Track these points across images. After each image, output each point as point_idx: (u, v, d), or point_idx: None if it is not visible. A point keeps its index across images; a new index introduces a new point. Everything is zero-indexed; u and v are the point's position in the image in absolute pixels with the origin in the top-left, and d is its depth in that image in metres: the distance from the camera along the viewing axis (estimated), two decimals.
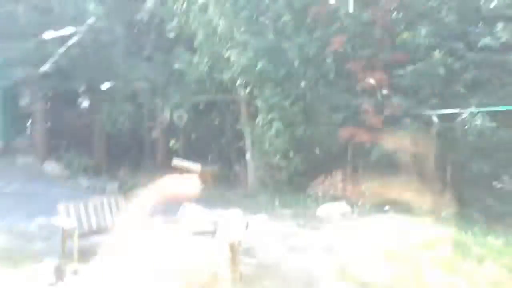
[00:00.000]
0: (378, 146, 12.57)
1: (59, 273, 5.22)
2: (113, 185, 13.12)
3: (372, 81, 13.11)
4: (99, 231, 7.40)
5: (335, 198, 13.45)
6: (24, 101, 17.01)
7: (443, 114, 12.09)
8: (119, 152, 16.85)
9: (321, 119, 14.59)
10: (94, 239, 7.08)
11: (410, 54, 13.08)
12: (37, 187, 11.92)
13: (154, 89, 16.54)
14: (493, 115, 10.71)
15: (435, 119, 12.25)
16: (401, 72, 12.53)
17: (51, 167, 14.97)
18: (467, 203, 12.00)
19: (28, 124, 18.44)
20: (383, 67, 13.32)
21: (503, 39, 11.08)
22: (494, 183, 11.29)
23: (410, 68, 12.38)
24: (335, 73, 15.00)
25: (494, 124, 10.52)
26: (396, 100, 12.84)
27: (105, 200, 7.88)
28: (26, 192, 11.24)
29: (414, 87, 12.50)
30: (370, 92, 13.55)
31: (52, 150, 16.39)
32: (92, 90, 16.59)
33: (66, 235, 6.89)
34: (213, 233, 6.84)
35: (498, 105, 10.65)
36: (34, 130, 17.46)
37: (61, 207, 7.19)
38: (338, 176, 14.80)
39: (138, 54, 15.90)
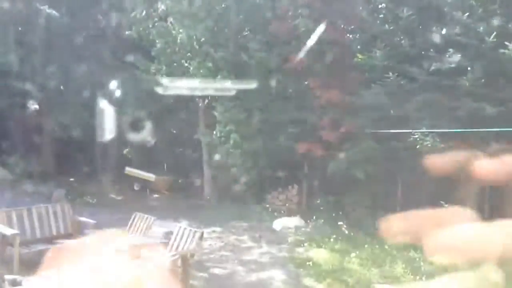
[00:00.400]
0: (334, 161, 12.78)
1: None
2: (60, 192, 12.49)
3: (328, 98, 13.38)
4: (43, 239, 6.98)
5: (290, 212, 13.52)
6: None
7: (395, 133, 12.49)
8: (68, 158, 16.12)
9: (278, 133, 14.68)
10: (37, 247, 6.68)
11: (366, 74, 13.51)
12: None
13: (109, 94, 16.06)
14: (442, 136, 11.17)
15: (387, 137, 12.62)
16: (357, 91, 12.87)
17: None
18: None
19: None
20: (340, 85, 13.64)
21: (452, 65, 11.67)
22: (442, 202, 11.71)
23: (366, 88, 12.77)
24: (293, 89, 15.24)
25: (442, 145, 10.97)
26: (351, 118, 13.16)
27: (50, 208, 7.46)
28: None
29: (370, 106, 12.86)
30: (327, 108, 13.82)
31: None
32: (42, 92, 15.87)
33: (6, 242, 6.43)
34: (165, 244, 6.61)
35: (446, 127, 11.13)
36: None
37: (2, 213, 6.73)
38: (294, 190, 14.90)
39: (94, 59, 15.41)
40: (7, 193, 11.70)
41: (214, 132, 14.00)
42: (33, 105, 18.18)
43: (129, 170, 16.86)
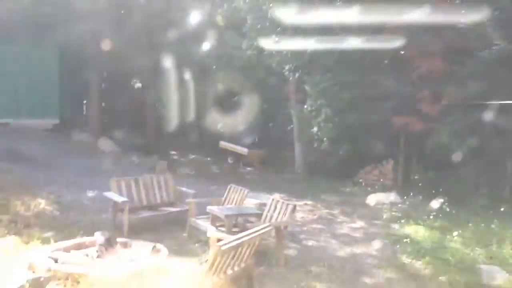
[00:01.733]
0: (434, 135, 12.00)
1: (109, 245, 5.36)
2: (162, 164, 13.39)
3: (429, 68, 12.48)
4: (148, 207, 7.57)
5: (385, 187, 13.06)
6: (81, 81, 17.62)
7: (504, 105, 11.32)
8: (168, 132, 17.16)
9: (372, 106, 14.10)
10: (144, 214, 7.27)
11: (472, 42, 12.30)
12: (91, 163, 12.37)
13: (204, 72, 16.71)
14: None
15: (494, 109, 11.49)
16: (461, 59, 11.83)
17: (104, 144, 15.52)
18: None
19: (84, 102, 19.21)
20: (442, 54, 12.62)
21: None
22: None
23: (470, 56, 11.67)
24: (389, 58, 14.44)
25: None
26: (454, 89, 12.16)
27: (154, 178, 8.04)
28: (80, 167, 11.69)
29: (475, 75, 11.75)
30: (427, 79, 12.92)
31: (105, 128, 17.00)
32: (144, 72, 17.00)
33: (117, 209, 7.09)
34: (259, 215, 6.78)
35: None
36: (89, 109, 18.16)
37: (113, 182, 7.40)
38: (389, 165, 14.35)
39: (189, 39, 16.02)
40: (117, 164, 12.82)
41: (305, 106, 13.89)
42: (136, 84, 19.60)
43: (223, 143, 17.51)
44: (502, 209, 10.29)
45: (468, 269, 6.31)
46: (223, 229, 6.35)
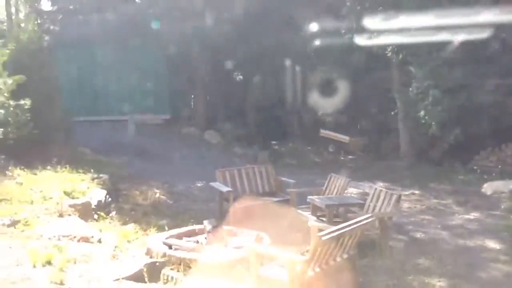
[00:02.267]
0: None
1: (216, 233, 5.68)
2: (264, 154, 13.74)
3: None
4: (251, 196, 7.83)
5: (504, 174, 11.83)
6: (187, 78, 18.76)
7: None
8: (269, 123, 17.50)
9: (486, 86, 12.81)
10: (247, 203, 7.54)
11: None
12: (198, 154, 13.18)
13: (303, 59, 16.67)
14: None
15: None
16: None
17: (210, 136, 16.42)
18: None
19: (191, 97, 20.44)
20: None
21: None
22: None
23: None
24: (507, 33, 12.96)
25: None
26: None
27: (256, 168, 8.28)
28: (189, 159, 12.53)
29: None
30: None
31: (211, 121, 17.92)
32: (244, 64, 17.50)
33: (223, 198, 7.46)
34: (361, 205, 6.63)
35: None
36: (196, 103, 19.30)
37: (219, 172, 7.81)
38: (508, 149, 12.94)
39: (288, 29, 16.06)
40: (221, 155, 13.48)
41: (410, 89, 13.12)
42: (238, 76, 20.27)
43: (323, 132, 17.35)
44: None
45: None
46: (324, 219, 6.34)
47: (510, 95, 11.99)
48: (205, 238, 5.55)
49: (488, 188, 10.02)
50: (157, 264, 4.84)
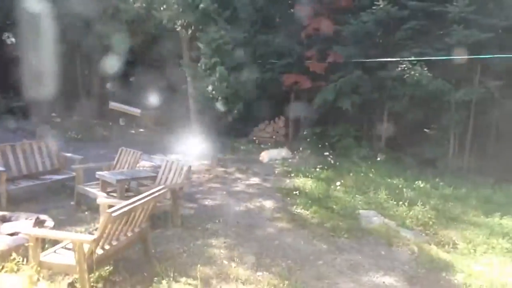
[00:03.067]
0: (321, 93, 12.69)
1: None
2: (44, 128, 12.29)
3: (316, 27, 12.99)
4: (29, 175, 6.95)
5: (277, 144, 13.64)
6: None
7: (384, 63, 12.34)
8: (49, 94, 15.69)
9: (264, 65, 14.39)
10: (24, 184, 6.66)
11: (354, 1, 13.01)
12: None
13: (87, 26, 15.35)
14: (429, 65, 11.07)
15: (375, 67, 12.48)
16: (345, 20, 12.49)
17: None
18: (401, 149, 12.65)
19: None
20: (328, 14, 13.20)
21: None
22: (426, 130, 11.90)
23: (354, 16, 12.38)
24: (280, 18, 14.72)
25: (430, 74, 10.91)
26: (339, 47, 12.89)
27: (34, 144, 7.35)
28: None
29: (358, 34, 12.55)
30: (314, 38, 13.47)
31: None
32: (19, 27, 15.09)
33: None
34: (153, 178, 6.64)
35: (435, 55, 10.99)
36: None
37: None
38: (280, 122, 14.96)
39: None
40: None
41: (199, 64, 13.62)
42: (9, 39, 17.42)
43: (113, 105, 16.57)
44: (378, 159, 11.47)
45: (349, 215, 6.97)
46: (115, 194, 6.12)
47: (283, 73, 13.72)
48: None
49: (264, 156, 11.35)
50: None
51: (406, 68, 11.03)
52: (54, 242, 4.34)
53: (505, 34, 10.72)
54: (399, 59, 11.53)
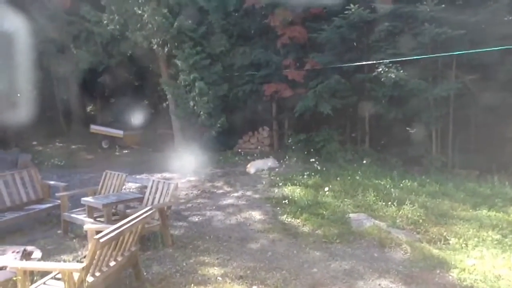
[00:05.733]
0: (301, 100, 12.77)
1: None
2: (25, 157, 12.08)
3: (290, 35, 13.11)
4: (14, 207, 6.80)
5: (263, 154, 13.65)
6: None
7: (360, 66, 12.50)
8: (29, 122, 15.51)
9: (244, 77, 14.46)
10: (8, 216, 6.51)
11: (326, 8, 13.18)
12: None
13: (62, 51, 15.24)
14: (405, 64, 11.24)
15: (352, 71, 12.63)
16: (319, 27, 12.63)
17: None
18: (386, 150, 12.77)
19: None
20: (301, 22, 13.35)
21: None
22: (408, 129, 12.02)
23: (327, 22, 12.53)
24: (255, 29, 14.82)
25: (406, 74, 11.07)
26: (315, 54, 13.02)
27: (16, 174, 7.21)
28: None
29: (332, 40, 12.70)
30: (290, 46, 13.59)
31: None
32: None
33: None
34: (140, 199, 6.56)
35: (409, 55, 11.17)
36: None
37: None
38: (264, 132, 15.01)
39: (39, 13, 14.35)
40: None
41: (178, 81, 13.62)
42: None
43: (94, 127, 16.43)
44: (364, 161, 11.54)
45: (339, 220, 6.97)
46: (102, 219, 6.02)
47: (262, 83, 13.78)
48: None
49: (251, 167, 11.32)
50: None
51: (382, 71, 11.18)
52: (44, 273, 4.24)
53: (475, 30, 10.96)
54: (374, 62, 11.69)
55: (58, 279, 3.95)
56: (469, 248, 5.90)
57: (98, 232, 4.35)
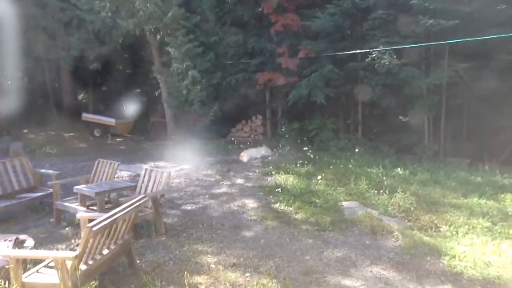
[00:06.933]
0: (295, 88, 12.74)
1: None
2: (17, 145, 11.97)
3: (284, 23, 13.03)
4: (5, 195, 6.75)
5: (256, 142, 13.66)
6: None
7: (354, 54, 12.48)
8: (20, 110, 15.34)
9: (237, 65, 14.38)
10: (0, 204, 6.48)
11: None
12: None
13: (53, 39, 15.03)
14: (399, 52, 11.25)
15: (346, 59, 12.61)
16: (313, 14, 12.56)
17: None
18: (378, 138, 12.83)
19: None
20: (295, 8, 13.26)
21: None
22: (401, 117, 12.09)
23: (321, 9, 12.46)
24: (248, 16, 14.70)
25: (400, 62, 11.08)
26: (308, 42, 12.96)
27: (7, 162, 7.15)
28: None
29: (326, 28, 12.65)
30: (283, 34, 13.52)
31: None
32: None
33: None
34: (133, 187, 6.54)
35: (403, 43, 11.17)
36: None
37: None
38: (258, 120, 14.99)
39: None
40: None
41: (171, 69, 13.50)
42: None
43: (86, 116, 16.31)
44: (356, 150, 11.59)
45: (332, 208, 7.02)
46: (95, 208, 6.01)
47: (256, 72, 13.72)
48: None
49: (244, 156, 11.33)
50: None
51: (376, 58, 11.17)
52: (36, 262, 4.24)
53: (469, 18, 10.96)
54: (368, 50, 11.67)
55: (51, 267, 3.95)
56: (459, 235, 5.97)
57: (91, 220, 4.34)
